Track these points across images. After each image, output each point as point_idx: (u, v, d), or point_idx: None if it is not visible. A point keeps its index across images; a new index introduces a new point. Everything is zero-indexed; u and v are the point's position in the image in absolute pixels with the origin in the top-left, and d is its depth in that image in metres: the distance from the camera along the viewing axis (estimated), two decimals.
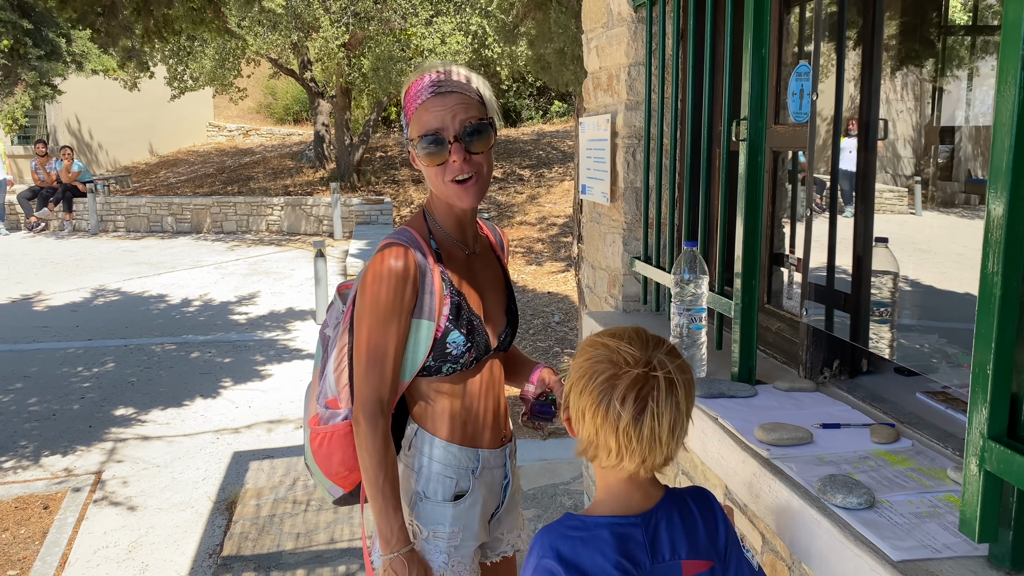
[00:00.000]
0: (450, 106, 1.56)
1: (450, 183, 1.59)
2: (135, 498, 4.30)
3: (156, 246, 12.06)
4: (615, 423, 1.13)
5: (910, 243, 2.12)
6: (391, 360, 1.60)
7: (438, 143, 1.55)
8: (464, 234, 1.73)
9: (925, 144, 2.08)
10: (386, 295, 1.58)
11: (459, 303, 1.65)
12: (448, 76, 1.60)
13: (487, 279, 1.78)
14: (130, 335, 7.36)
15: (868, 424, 1.76)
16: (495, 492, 1.80)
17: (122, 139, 18.42)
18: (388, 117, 20.56)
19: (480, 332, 1.69)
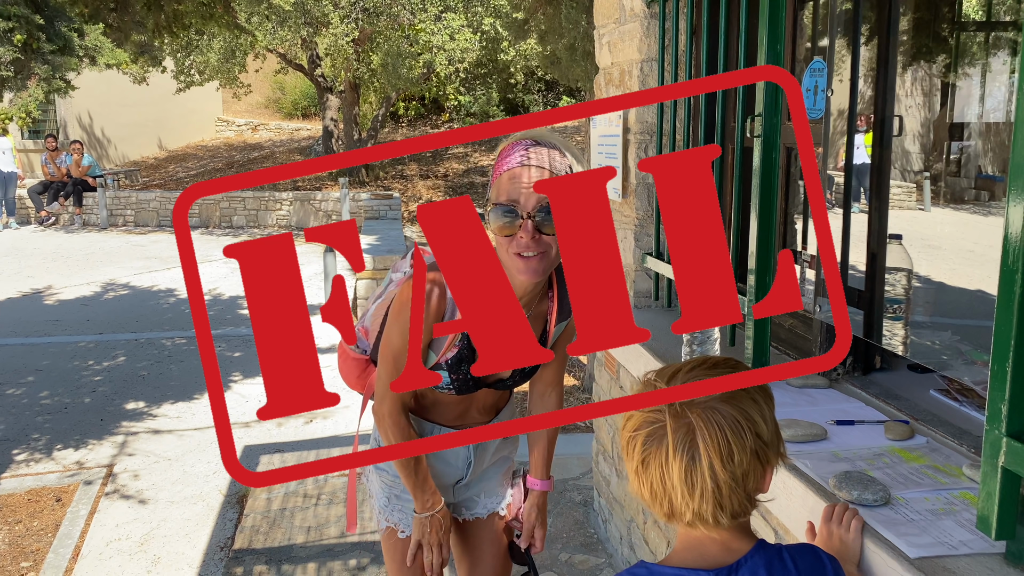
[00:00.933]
0: (532, 180, 1.55)
1: (514, 256, 1.58)
2: (146, 491, 4.32)
3: (165, 240, 12.10)
4: (635, 471, 1.09)
5: (919, 239, 2.12)
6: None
7: (510, 215, 1.55)
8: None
9: (934, 140, 2.08)
10: (415, 321, 1.59)
11: (464, 356, 1.71)
12: (539, 150, 1.59)
13: None
14: (140, 329, 7.39)
15: (882, 421, 1.76)
16: (454, 465, 1.94)
17: (131, 134, 18.48)
18: (396, 112, 20.58)
19: (471, 383, 1.76)
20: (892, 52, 1.94)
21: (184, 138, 20.73)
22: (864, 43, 2.04)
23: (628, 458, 1.12)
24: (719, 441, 1.03)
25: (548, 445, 2.01)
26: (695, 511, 1.05)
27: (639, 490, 1.11)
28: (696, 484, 1.04)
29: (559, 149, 1.61)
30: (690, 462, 1.04)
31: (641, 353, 2.45)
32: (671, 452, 1.04)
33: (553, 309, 1.79)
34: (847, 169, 2.11)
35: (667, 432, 1.05)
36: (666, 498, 1.06)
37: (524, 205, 1.54)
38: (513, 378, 1.85)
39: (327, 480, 4.26)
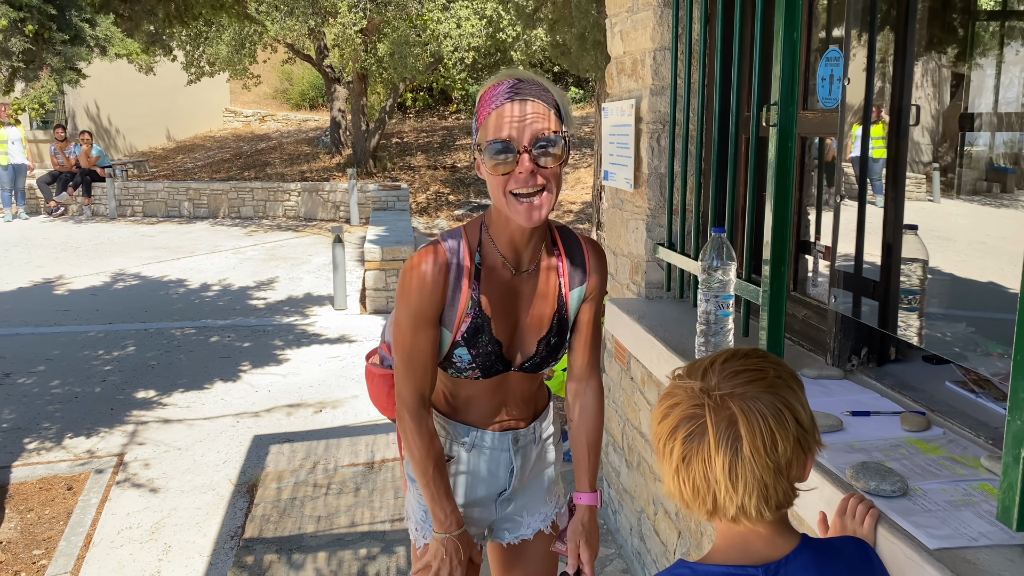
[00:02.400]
0: (525, 114, 1.47)
1: (512, 197, 1.49)
2: (157, 480, 4.34)
3: (174, 231, 12.13)
4: (688, 473, 1.03)
5: (930, 230, 2.10)
6: (428, 361, 1.62)
7: (507, 151, 1.45)
8: (516, 252, 1.62)
9: (943, 131, 2.06)
10: (417, 303, 1.57)
11: (480, 325, 1.60)
12: (523, 84, 1.50)
13: (532, 303, 1.66)
14: (150, 319, 7.42)
15: (898, 412, 1.75)
16: (496, 474, 1.78)
17: (139, 124, 18.51)
18: (404, 103, 20.55)
19: (494, 358, 1.64)
20: (909, 41, 1.92)
21: (192, 129, 20.75)
22: (880, 31, 2.02)
23: (665, 458, 1.07)
24: (762, 430, 1.01)
25: (591, 452, 1.82)
26: (739, 505, 1.02)
27: (679, 490, 1.06)
28: (740, 477, 1.01)
29: (542, 84, 1.52)
30: (734, 455, 1.01)
31: (653, 343, 2.44)
32: (713, 446, 1.01)
33: (563, 268, 1.68)
34: (863, 160, 2.09)
35: (708, 426, 1.02)
36: (709, 494, 1.02)
37: (519, 139, 1.45)
38: (540, 352, 1.69)
39: (337, 469, 4.28)
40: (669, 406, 1.06)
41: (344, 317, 7.55)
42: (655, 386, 2.77)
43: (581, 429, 1.82)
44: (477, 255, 1.61)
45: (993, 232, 2.08)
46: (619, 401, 3.21)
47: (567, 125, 1.54)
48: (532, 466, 1.83)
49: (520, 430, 1.77)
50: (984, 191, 2.07)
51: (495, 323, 1.62)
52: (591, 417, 1.82)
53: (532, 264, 1.64)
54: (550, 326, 1.68)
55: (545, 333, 1.67)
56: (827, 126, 2.22)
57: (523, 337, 1.67)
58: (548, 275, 1.67)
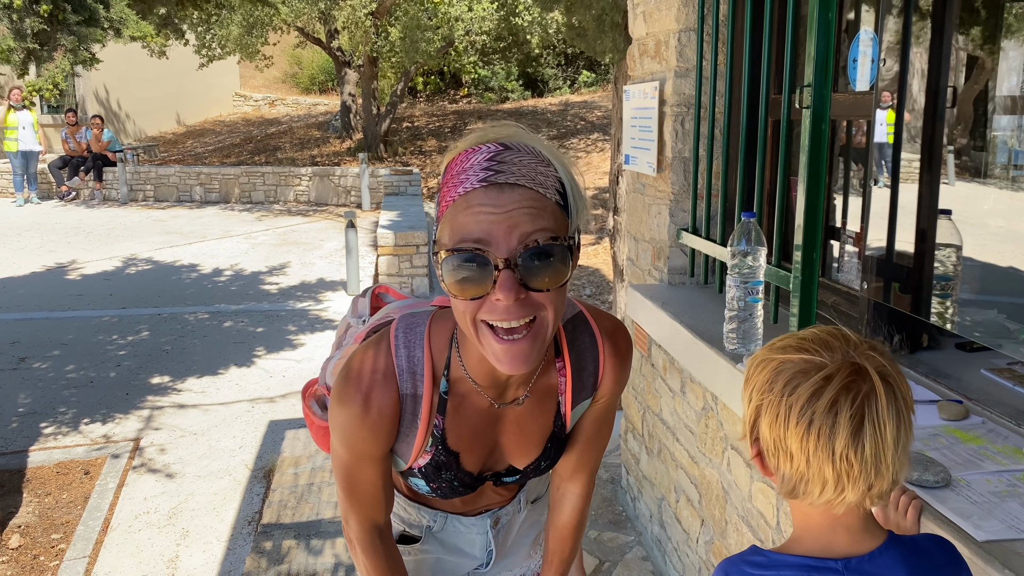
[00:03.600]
0: (508, 208, 0.97)
1: (486, 330, 1.02)
2: (173, 465, 4.34)
3: (185, 216, 12.13)
4: (830, 446, 0.90)
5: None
6: (377, 490, 1.26)
7: (478, 264, 0.97)
8: (498, 384, 1.19)
9: (959, 114, 2.01)
10: (355, 441, 1.19)
11: (444, 462, 1.24)
12: (509, 155, 1.00)
13: (519, 431, 1.26)
14: (163, 304, 7.42)
15: (935, 400, 1.72)
16: (470, 555, 1.48)
17: (149, 109, 18.50)
18: (414, 87, 20.47)
19: (462, 489, 1.30)
20: (948, 21, 1.87)
21: (202, 113, 20.73)
22: (915, 12, 1.97)
23: (781, 426, 0.93)
24: (897, 406, 0.91)
25: (562, 544, 1.45)
26: (892, 479, 0.92)
27: (784, 464, 0.94)
28: (902, 444, 0.91)
29: (538, 153, 1.02)
30: (899, 420, 0.91)
31: (679, 330, 2.41)
32: (885, 415, 0.89)
33: (567, 386, 1.25)
34: (896, 143, 2.05)
35: (880, 395, 0.90)
36: (852, 471, 0.90)
37: (498, 245, 0.97)
38: (526, 473, 1.32)
39: None
40: (820, 381, 0.91)
41: None
42: (677, 373, 2.74)
43: (555, 530, 1.45)
44: (444, 382, 1.18)
45: (1011, 215, 2.04)
46: (639, 388, 3.18)
47: (576, 216, 1.05)
48: (515, 533, 1.52)
49: (503, 508, 1.45)
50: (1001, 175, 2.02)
51: (465, 457, 1.25)
52: (569, 522, 1.43)
53: (524, 391, 1.22)
54: (543, 450, 1.29)
55: (534, 460, 1.30)
56: (858, 108, 2.18)
57: (503, 463, 1.31)
58: (544, 397, 1.25)
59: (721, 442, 2.40)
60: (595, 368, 1.26)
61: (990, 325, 2.02)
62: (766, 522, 2.07)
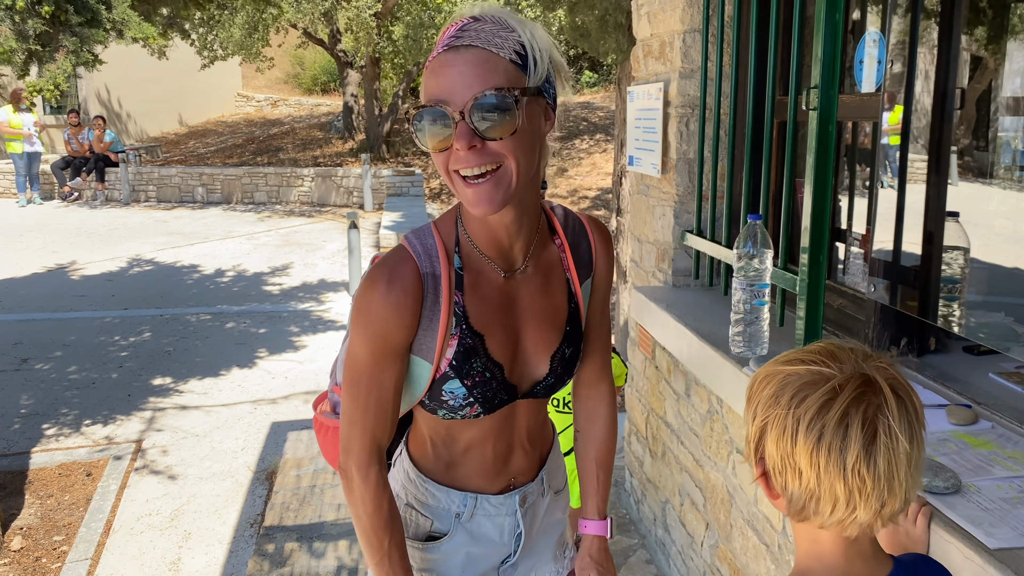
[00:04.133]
0: (461, 68, 1.08)
1: (458, 179, 1.13)
2: (175, 467, 4.33)
3: (188, 216, 12.13)
4: (841, 460, 0.85)
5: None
6: (388, 399, 1.27)
7: (439, 119, 1.09)
8: (501, 249, 1.27)
9: (962, 114, 2.00)
10: (380, 328, 1.22)
11: (471, 347, 1.25)
12: (474, 24, 1.12)
13: (535, 309, 1.32)
14: (165, 305, 7.41)
15: (943, 405, 1.70)
16: (499, 543, 1.45)
17: (151, 109, 18.51)
18: (416, 87, 20.45)
19: (495, 385, 1.28)
20: (956, 23, 1.86)
21: (204, 113, 20.74)
22: (927, 14, 1.96)
23: (788, 441, 0.89)
24: (910, 419, 0.87)
25: (600, 470, 1.51)
26: (904, 499, 0.87)
27: (793, 482, 0.89)
28: (915, 460, 0.87)
29: (502, 21, 1.13)
30: (912, 433, 0.87)
31: (683, 333, 2.40)
32: (896, 422, 0.85)
33: (568, 262, 1.35)
34: (903, 145, 2.04)
35: (890, 407, 0.86)
36: (865, 488, 0.86)
37: (454, 101, 1.08)
38: (554, 369, 1.34)
39: None
40: (829, 392, 0.87)
41: None
42: (681, 376, 2.73)
43: (589, 442, 1.53)
44: (456, 258, 1.26)
45: (1014, 216, 2.03)
46: (643, 390, 3.17)
47: (535, 73, 1.14)
48: (540, 519, 1.51)
49: (528, 486, 1.45)
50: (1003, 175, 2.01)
51: (490, 341, 1.27)
52: (601, 428, 1.53)
53: (526, 261, 1.29)
54: (563, 334, 1.34)
55: (558, 345, 1.34)
56: (865, 110, 2.16)
57: (529, 355, 1.32)
58: (550, 272, 1.34)
59: (726, 445, 2.39)
60: (588, 246, 1.39)
61: (997, 328, 2.00)
62: (772, 526, 2.06)
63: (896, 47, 2.01)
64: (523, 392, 1.33)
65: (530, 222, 1.27)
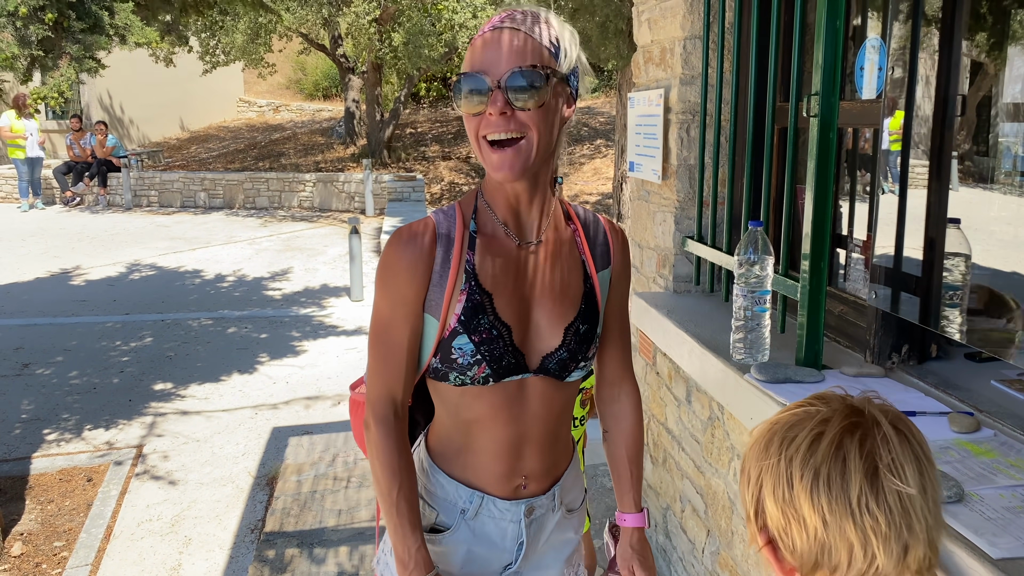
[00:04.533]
0: (504, 44, 1.22)
1: (486, 145, 1.24)
2: (176, 472, 4.33)
3: (189, 221, 12.14)
4: (844, 496, 0.77)
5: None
6: (402, 352, 1.35)
7: (477, 88, 1.21)
8: (517, 217, 1.35)
9: (963, 119, 1.99)
10: (395, 279, 1.32)
11: (479, 303, 1.31)
12: (518, 13, 1.26)
13: (548, 280, 1.37)
14: (167, 310, 7.41)
15: (945, 412, 1.69)
16: (500, 546, 1.46)
17: (153, 114, 18.54)
18: (417, 93, 20.48)
19: (503, 345, 1.32)
20: (957, 29, 1.86)
21: (206, 119, 20.77)
22: (928, 20, 1.95)
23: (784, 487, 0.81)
24: (912, 447, 0.80)
25: (632, 465, 1.57)
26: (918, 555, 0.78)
27: (799, 535, 0.80)
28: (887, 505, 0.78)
29: (545, 17, 1.27)
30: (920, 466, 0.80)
31: (684, 339, 2.39)
32: (898, 453, 0.78)
33: (583, 244, 1.43)
34: (904, 151, 2.03)
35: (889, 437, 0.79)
36: (879, 528, 0.77)
37: (492, 73, 1.20)
38: (567, 343, 1.37)
39: (357, 462, 4.25)
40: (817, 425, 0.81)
41: (361, 308, 7.53)
42: (683, 382, 2.73)
43: (619, 440, 1.58)
44: (472, 222, 1.35)
45: (1015, 221, 2.03)
46: (644, 396, 3.16)
47: (567, 68, 1.27)
48: (547, 534, 1.50)
49: (537, 498, 1.45)
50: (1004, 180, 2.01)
51: (499, 301, 1.33)
52: (629, 424, 1.58)
53: (540, 233, 1.37)
54: (578, 310, 1.39)
55: (573, 318, 1.38)
56: (866, 116, 2.16)
57: (541, 323, 1.36)
58: (565, 248, 1.40)
59: (727, 452, 2.38)
60: (604, 239, 1.47)
61: (991, 332, 2.00)
62: None
63: (896, 52, 2.01)
64: (535, 365, 1.36)
65: (542, 197, 1.36)
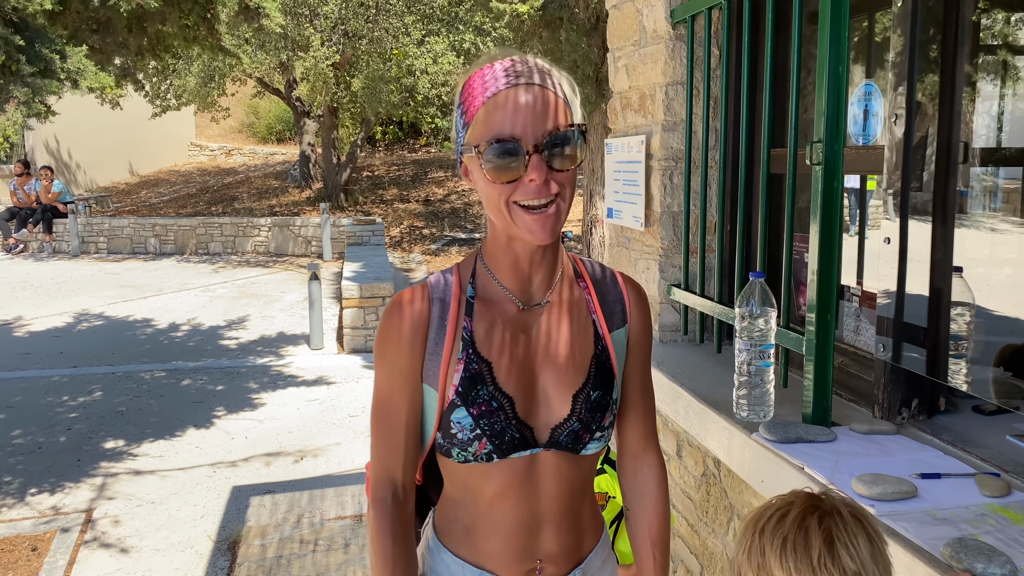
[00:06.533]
0: (532, 105, 1.14)
1: (518, 209, 1.17)
2: (129, 538, 4.07)
3: (140, 268, 11.79)
4: (807, 556, 0.93)
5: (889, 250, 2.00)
6: (402, 427, 1.28)
7: (513, 153, 1.13)
8: (522, 280, 1.27)
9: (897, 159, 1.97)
10: (388, 348, 1.27)
11: (477, 372, 1.23)
12: (521, 65, 1.18)
13: (554, 345, 1.28)
14: (117, 362, 7.11)
15: (970, 474, 1.61)
16: None
17: (101, 159, 18.12)
18: (373, 136, 20.42)
19: (505, 418, 1.23)
20: (958, 76, 1.82)
21: (156, 163, 20.38)
22: (923, 67, 1.92)
23: (758, 555, 1.00)
24: (866, 529, 0.97)
25: (656, 550, 1.41)
26: None
27: None
28: (843, 566, 0.94)
29: (542, 66, 1.21)
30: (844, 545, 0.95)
31: (680, 394, 2.30)
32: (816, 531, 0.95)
33: (595, 304, 1.34)
34: (903, 201, 1.98)
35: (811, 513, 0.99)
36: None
37: (526, 136, 1.13)
38: (577, 411, 1.27)
39: (323, 523, 4.05)
40: (783, 507, 1.01)
41: (321, 357, 7.31)
42: (672, 436, 2.63)
43: (642, 522, 1.42)
44: (470, 288, 1.28)
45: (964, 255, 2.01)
46: None
47: (579, 118, 1.24)
48: None
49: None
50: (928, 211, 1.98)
51: (499, 370, 1.24)
52: (653, 501, 1.42)
53: (546, 295, 1.29)
54: (587, 375, 1.28)
55: (582, 385, 1.27)
56: (862, 163, 2.12)
57: (548, 393, 1.26)
58: (574, 310, 1.31)
59: (725, 511, 2.28)
60: (619, 296, 1.37)
61: (1000, 384, 1.94)
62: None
63: (893, 98, 1.97)
64: (544, 439, 1.26)
65: (553, 255, 1.29)
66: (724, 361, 2.49)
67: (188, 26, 5.21)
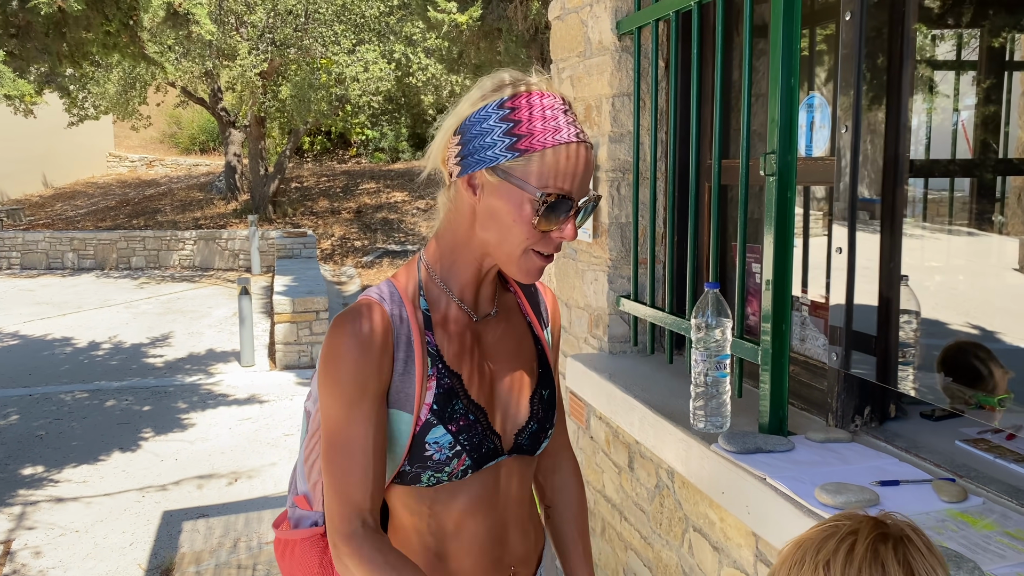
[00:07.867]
0: (586, 168, 1.19)
1: (532, 254, 1.19)
2: (52, 570, 3.86)
3: (57, 284, 11.30)
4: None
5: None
6: (366, 457, 1.18)
7: (566, 210, 1.17)
8: (476, 293, 1.29)
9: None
10: (348, 372, 1.17)
11: (451, 387, 1.22)
12: (574, 112, 1.23)
13: (505, 352, 1.32)
14: (35, 383, 6.77)
15: (926, 480, 1.64)
16: None
17: (11, 170, 17.34)
18: (301, 147, 20.10)
19: (481, 430, 1.23)
20: (904, 89, 1.86)
21: (72, 174, 19.63)
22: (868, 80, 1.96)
23: None
24: (938, 556, 0.86)
25: (582, 537, 1.49)
26: None
27: None
28: None
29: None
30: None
31: (634, 406, 2.28)
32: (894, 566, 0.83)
33: (525, 306, 1.39)
34: (851, 213, 2.02)
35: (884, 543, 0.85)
36: None
37: (577, 196, 1.18)
38: (535, 413, 1.31)
39: (261, 547, 3.91)
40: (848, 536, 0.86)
41: (253, 374, 7.11)
42: (623, 448, 2.61)
43: (566, 514, 1.50)
44: (422, 300, 1.25)
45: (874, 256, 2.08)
46: (579, 462, 3.03)
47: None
48: None
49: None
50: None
51: (468, 382, 1.25)
52: (574, 495, 1.51)
53: (493, 305, 1.32)
54: (537, 376, 1.35)
55: (536, 386, 1.33)
56: (807, 174, 2.15)
57: (509, 398, 1.30)
58: (514, 316, 1.37)
59: (680, 523, 2.27)
60: (540, 299, 1.44)
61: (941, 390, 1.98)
62: None
63: (842, 111, 2.01)
64: (509, 445, 1.29)
65: (496, 270, 1.31)
66: (676, 372, 2.49)
67: (110, 32, 5.02)
